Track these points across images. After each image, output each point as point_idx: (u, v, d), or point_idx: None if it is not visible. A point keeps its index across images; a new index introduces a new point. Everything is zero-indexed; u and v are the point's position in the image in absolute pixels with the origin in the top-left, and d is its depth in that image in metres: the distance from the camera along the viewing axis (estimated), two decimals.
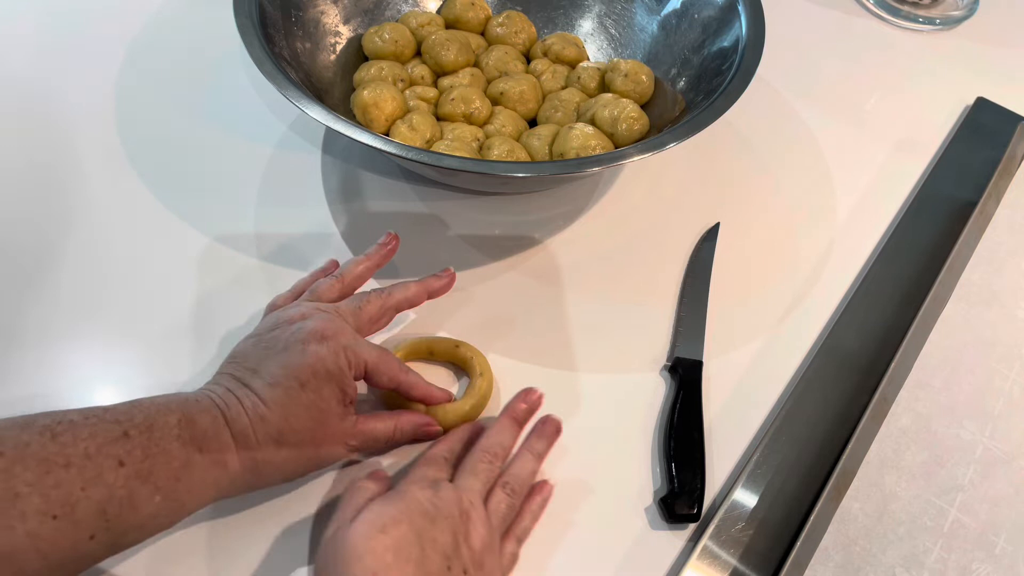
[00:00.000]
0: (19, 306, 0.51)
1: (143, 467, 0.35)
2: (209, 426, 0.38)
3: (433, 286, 0.50)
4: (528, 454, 0.45)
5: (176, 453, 0.36)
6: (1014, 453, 0.51)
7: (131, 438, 0.35)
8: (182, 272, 0.54)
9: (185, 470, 0.36)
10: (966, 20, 0.83)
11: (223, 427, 0.38)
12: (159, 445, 0.36)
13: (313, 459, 0.42)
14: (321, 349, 0.41)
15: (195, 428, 0.37)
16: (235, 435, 0.39)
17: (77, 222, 0.55)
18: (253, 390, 0.40)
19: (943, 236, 0.62)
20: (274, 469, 0.40)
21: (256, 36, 0.52)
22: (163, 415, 0.37)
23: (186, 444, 0.37)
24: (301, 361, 0.40)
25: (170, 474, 0.36)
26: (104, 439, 0.34)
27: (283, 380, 0.40)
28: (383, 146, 0.47)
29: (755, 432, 0.51)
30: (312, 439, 0.41)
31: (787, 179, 0.66)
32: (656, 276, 0.58)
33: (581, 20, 0.70)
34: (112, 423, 0.35)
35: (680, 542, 0.46)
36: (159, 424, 0.36)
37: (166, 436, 0.36)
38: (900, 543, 0.46)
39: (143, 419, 0.36)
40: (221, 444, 0.38)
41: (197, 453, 0.37)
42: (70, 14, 0.69)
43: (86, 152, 0.59)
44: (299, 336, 0.41)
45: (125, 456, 0.34)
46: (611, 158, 0.52)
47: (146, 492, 0.35)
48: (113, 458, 0.34)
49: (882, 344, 0.55)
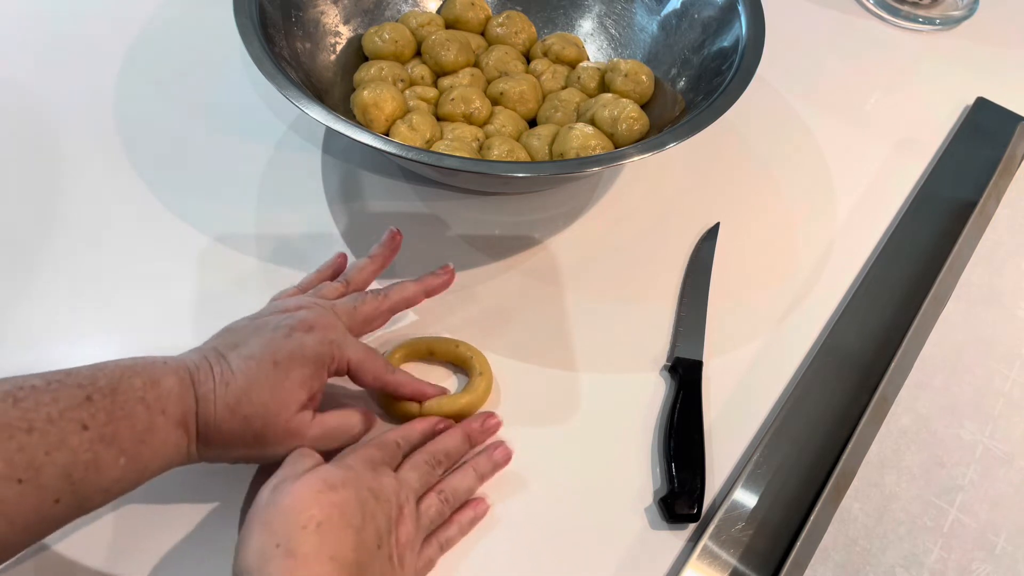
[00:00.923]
0: (18, 306, 0.51)
1: (107, 430, 0.35)
2: (174, 387, 0.38)
3: (431, 284, 0.50)
4: (471, 470, 0.45)
5: (140, 415, 0.36)
6: (1014, 453, 0.51)
7: (94, 402, 0.35)
8: (182, 272, 0.54)
9: (149, 432, 0.36)
10: (966, 20, 0.83)
11: (188, 388, 0.38)
12: (123, 408, 0.35)
13: (259, 440, 0.40)
14: (306, 338, 0.41)
15: (159, 389, 0.37)
16: (198, 398, 0.38)
17: (76, 222, 0.55)
18: (227, 360, 0.40)
19: (943, 236, 0.62)
20: (220, 439, 0.39)
21: (256, 36, 0.52)
22: (128, 377, 0.36)
23: (150, 406, 0.36)
24: (282, 344, 0.41)
25: (134, 436, 0.36)
26: (67, 403, 0.34)
27: (258, 354, 0.40)
28: (383, 146, 0.47)
29: (755, 432, 0.51)
30: (263, 417, 0.39)
31: (787, 179, 0.66)
32: (656, 276, 0.58)
33: (581, 20, 0.70)
34: (75, 387, 0.35)
35: (680, 542, 0.46)
36: (123, 387, 0.36)
37: (130, 399, 0.36)
38: (900, 543, 0.46)
39: (107, 383, 0.36)
40: (184, 407, 0.38)
41: (161, 415, 0.37)
42: (70, 14, 0.69)
43: (85, 152, 0.59)
44: (288, 322, 0.42)
45: (89, 420, 0.34)
46: (611, 158, 0.52)
47: (111, 455, 0.35)
48: (77, 422, 0.34)
49: (882, 344, 0.55)
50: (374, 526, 0.38)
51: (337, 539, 0.36)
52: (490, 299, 0.55)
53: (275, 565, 0.34)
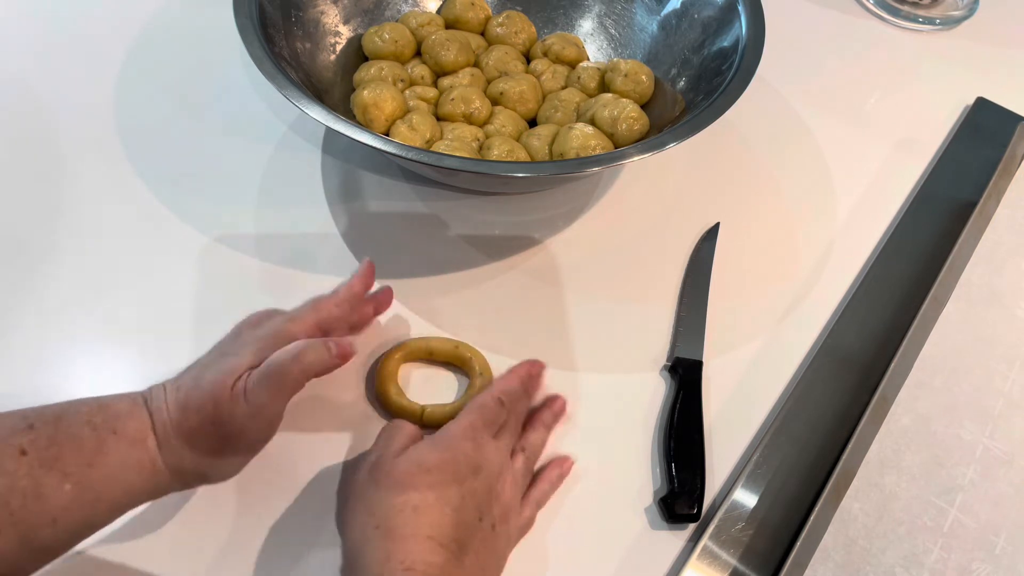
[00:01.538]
0: (18, 306, 0.51)
1: (48, 454, 0.33)
2: (124, 407, 0.37)
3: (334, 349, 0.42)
4: (541, 426, 0.46)
5: (87, 437, 0.35)
6: (1014, 453, 0.51)
7: (36, 429, 0.34)
8: (182, 272, 0.54)
9: (99, 455, 0.35)
10: (966, 20, 0.83)
11: (140, 406, 0.37)
12: (68, 431, 0.34)
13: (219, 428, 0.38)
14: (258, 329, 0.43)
15: (108, 411, 0.36)
16: (151, 411, 0.37)
17: (76, 221, 0.55)
18: (177, 380, 0.40)
19: (943, 236, 0.62)
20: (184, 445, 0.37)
21: (256, 36, 0.52)
22: (75, 406, 0.36)
23: (98, 428, 0.35)
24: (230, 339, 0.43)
25: (81, 460, 0.34)
26: (7, 431, 0.33)
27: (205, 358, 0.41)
28: (383, 146, 0.47)
29: (755, 432, 0.51)
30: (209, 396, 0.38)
31: (787, 179, 0.66)
32: (656, 276, 0.58)
33: (581, 20, 0.70)
34: (19, 417, 0.34)
35: (680, 542, 0.46)
36: (69, 412, 0.35)
37: (75, 422, 0.35)
38: (900, 543, 0.46)
39: (52, 412, 0.35)
40: (138, 424, 0.36)
41: (111, 435, 0.35)
42: (70, 14, 0.69)
43: (85, 151, 0.59)
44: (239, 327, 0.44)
45: (28, 445, 0.33)
46: (611, 158, 0.52)
47: (53, 480, 0.33)
48: (14, 447, 0.33)
49: (882, 344, 0.55)
50: (474, 501, 0.38)
51: (434, 519, 0.36)
52: (490, 299, 0.55)
53: (374, 545, 0.35)
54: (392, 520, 0.36)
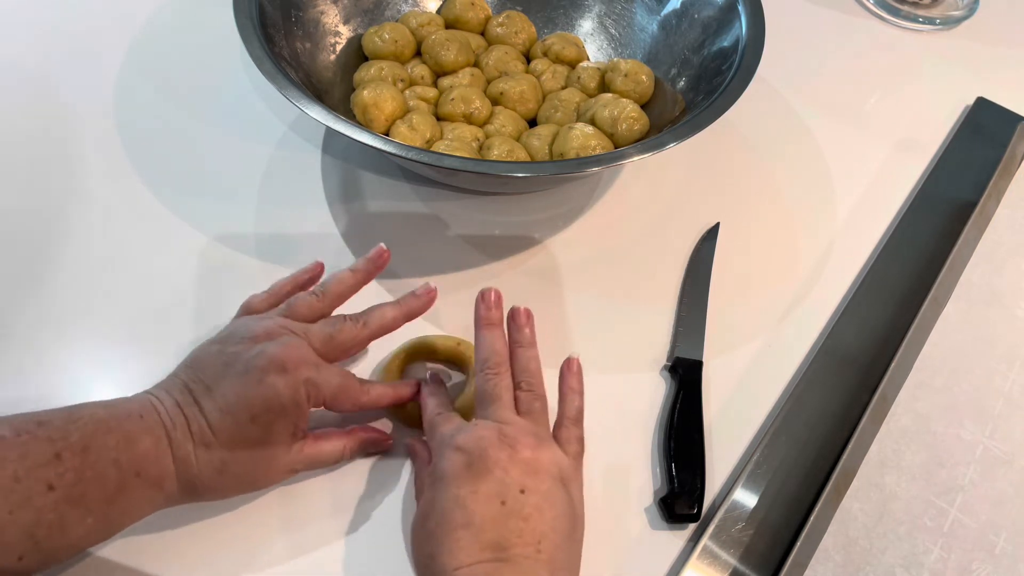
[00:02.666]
0: (17, 305, 0.51)
1: (75, 491, 0.34)
2: (150, 449, 0.37)
3: (412, 307, 0.47)
4: (520, 350, 0.45)
5: (112, 477, 0.35)
6: (1014, 453, 0.51)
7: (63, 460, 0.34)
8: (182, 272, 0.54)
9: (120, 493, 0.36)
10: (966, 20, 0.83)
11: (166, 450, 0.37)
12: (93, 468, 0.35)
13: (252, 485, 0.42)
14: (279, 382, 0.39)
15: (134, 450, 0.36)
16: (176, 460, 0.38)
17: (76, 221, 0.55)
18: (203, 411, 0.39)
19: (943, 236, 0.62)
20: (213, 493, 0.40)
21: (256, 36, 0.52)
22: (101, 435, 0.35)
23: (123, 469, 0.36)
24: (256, 392, 0.39)
25: (103, 498, 0.35)
26: (35, 461, 0.33)
27: (234, 409, 0.39)
28: (383, 146, 0.47)
29: (755, 432, 0.51)
30: (253, 469, 0.40)
31: (787, 179, 0.66)
32: (656, 276, 0.58)
33: (581, 20, 0.70)
34: (45, 441, 0.34)
35: (680, 542, 0.46)
36: (95, 446, 0.35)
37: (102, 459, 0.35)
38: (900, 543, 0.46)
39: (78, 438, 0.35)
40: (161, 469, 0.37)
41: (134, 477, 0.36)
42: (70, 13, 0.69)
43: (85, 151, 0.59)
44: (259, 362, 0.39)
45: (56, 480, 0.34)
46: (611, 158, 0.52)
47: (77, 515, 0.34)
48: (43, 482, 0.33)
49: (882, 344, 0.55)
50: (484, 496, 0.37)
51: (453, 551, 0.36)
52: None
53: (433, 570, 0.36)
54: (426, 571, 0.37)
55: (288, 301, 0.45)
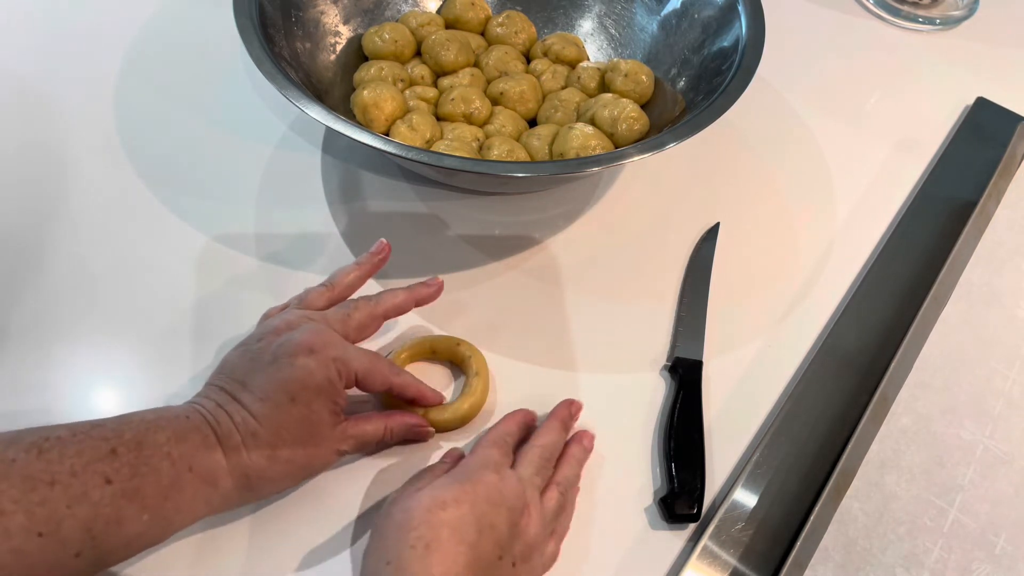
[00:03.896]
0: (17, 306, 0.51)
1: (130, 485, 0.35)
2: (200, 444, 0.37)
3: (421, 294, 0.49)
4: (574, 461, 0.46)
5: (166, 472, 0.36)
6: (1014, 453, 0.51)
7: (119, 456, 0.35)
8: (181, 272, 0.54)
9: (174, 489, 0.36)
10: (966, 20, 0.83)
11: (215, 445, 0.38)
12: (148, 463, 0.35)
13: (305, 469, 0.42)
14: (310, 362, 0.40)
15: (185, 446, 0.37)
16: (227, 452, 0.38)
17: (75, 221, 0.55)
18: (243, 404, 0.39)
19: (943, 236, 0.62)
20: (267, 482, 0.40)
21: (256, 36, 0.52)
22: (152, 432, 0.36)
23: (176, 463, 0.36)
24: (290, 375, 0.40)
25: (159, 493, 0.36)
26: (91, 456, 0.34)
27: (273, 394, 0.39)
28: (383, 146, 0.47)
29: (755, 432, 0.51)
30: (304, 451, 0.41)
31: (787, 179, 0.66)
32: (656, 276, 0.58)
33: (581, 20, 0.70)
34: (100, 440, 0.35)
35: (680, 542, 0.46)
36: (148, 442, 0.36)
37: (155, 454, 0.36)
38: (900, 543, 0.46)
39: (132, 436, 0.36)
40: (212, 463, 0.38)
41: (187, 472, 0.37)
42: (69, 14, 0.69)
43: (85, 151, 0.59)
44: (287, 349, 0.40)
45: (112, 474, 0.34)
46: (611, 158, 0.52)
47: (133, 510, 0.35)
48: (100, 475, 0.34)
49: (882, 344, 0.55)
50: (493, 537, 0.38)
51: (447, 557, 0.36)
52: (490, 299, 0.55)
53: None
54: (403, 557, 0.36)
55: (300, 295, 0.47)
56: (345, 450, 0.43)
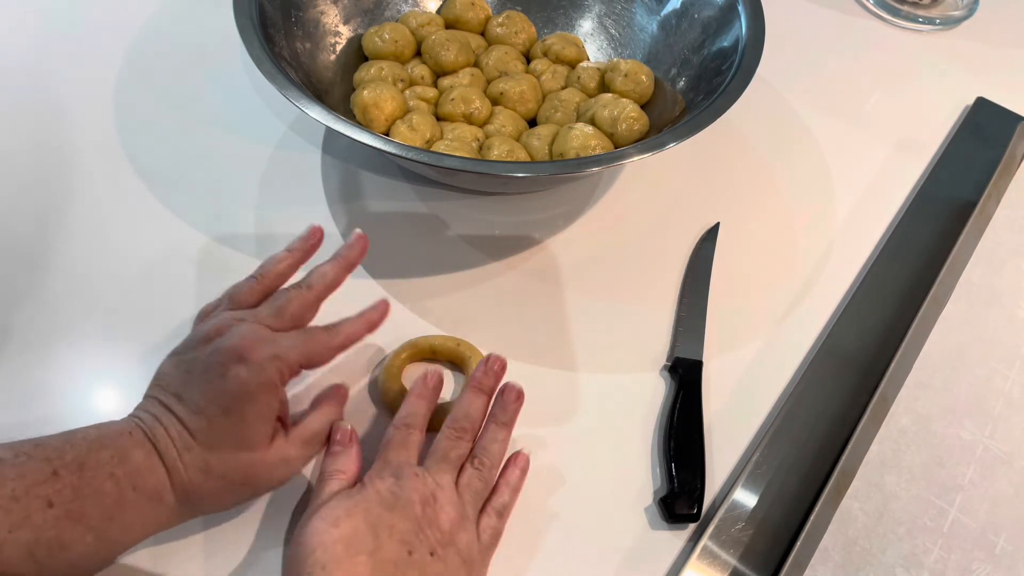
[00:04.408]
0: (17, 306, 0.51)
1: (73, 507, 0.34)
2: (143, 461, 0.37)
3: (348, 257, 0.46)
4: (494, 426, 0.45)
5: (109, 492, 0.35)
6: (1014, 453, 0.51)
7: (61, 477, 0.34)
8: (181, 272, 0.54)
9: (118, 508, 0.36)
10: (966, 20, 0.83)
11: (157, 462, 0.37)
12: (91, 484, 0.35)
13: (245, 484, 0.40)
14: (241, 371, 0.39)
15: (128, 464, 0.36)
16: (168, 469, 0.37)
17: (75, 221, 0.55)
18: (178, 418, 0.38)
19: (943, 236, 0.62)
20: (206, 498, 0.39)
21: (256, 36, 0.52)
22: (95, 451, 0.36)
23: (119, 482, 0.36)
24: (222, 387, 0.38)
25: (102, 513, 0.35)
26: (33, 479, 0.33)
27: (205, 407, 0.38)
28: (383, 146, 0.47)
29: (755, 432, 0.51)
30: (240, 466, 0.39)
31: (787, 179, 0.66)
32: (656, 276, 0.58)
33: (581, 20, 0.70)
34: (42, 461, 0.34)
35: (680, 542, 0.46)
36: (91, 462, 0.35)
37: (99, 475, 0.35)
38: (900, 543, 0.46)
39: (74, 457, 0.35)
40: (156, 480, 0.37)
41: (131, 491, 0.36)
42: (69, 14, 0.69)
43: (85, 151, 0.59)
44: (217, 358, 0.39)
45: (54, 496, 0.34)
46: (611, 158, 0.52)
47: (77, 532, 0.34)
48: (42, 499, 0.33)
49: (882, 344, 0.55)
50: (395, 537, 0.37)
51: (346, 573, 0.35)
52: (490, 299, 0.55)
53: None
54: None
55: (228, 293, 0.45)
56: (294, 457, 0.41)
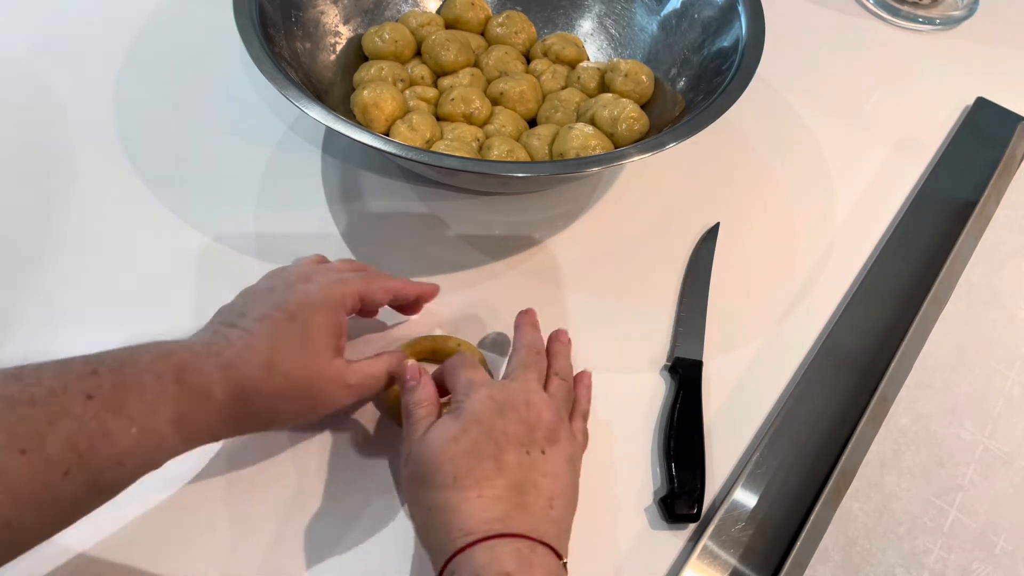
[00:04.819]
0: (17, 306, 0.51)
1: (114, 398, 0.34)
2: (188, 360, 0.37)
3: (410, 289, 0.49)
4: (560, 348, 0.47)
5: (150, 385, 0.35)
6: (1014, 453, 0.51)
7: (100, 375, 0.34)
8: (181, 272, 0.54)
9: (162, 401, 0.35)
10: (966, 20, 0.83)
11: (204, 359, 0.37)
12: (132, 378, 0.35)
13: (308, 393, 0.40)
14: (309, 285, 0.42)
15: (171, 360, 0.36)
16: (221, 366, 0.37)
17: (76, 221, 0.55)
18: (239, 327, 0.40)
19: (943, 236, 0.62)
20: (266, 400, 0.39)
21: (256, 36, 0.52)
22: (136, 354, 0.36)
23: (161, 376, 0.35)
24: (289, 296, 0.41)
25: (145, 407, 0.34)
26: (71, 377, 0.33)
27: (271, 312, 0.40)
28: (383, 146, 0.47)
29: (755, 432, 0.51)
30: (303, 371, 0.40)
31: (787, 179, 0.66)
32: (656, 276, 0.58)
33: (581, 20, 0.70)
34: (81, 363, 0.34)
35: (680, 542, 0.46)
36: (131, 360, 0.35)
37: (139, 370, 0.35)
38: (900, 543, 0.46)
39: (113, 359, 0.35)
40: (203, 375, 0.37)
41: (174, 384, 0.36)
42: (70, 14, 0.69)
43: (85, 152, 0.59)
44: (284, 277, 0.43)
45: (93, 390, 0.33)
46: (611, 158, 0.52)
47: (119, 424, 0.33)
48: (80, 392, 0.33)
49: (882, 344, 0.55)
50: (512, 440, 0.39)
51: (478, 478, 0.37)
52: (490, 299, 0.55)
53: (435, 525, 0.37)
54: (440, 497, 0.37)
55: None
56: (353, 384, 0.42)
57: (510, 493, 0.37)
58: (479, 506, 0.36)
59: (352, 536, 0.44)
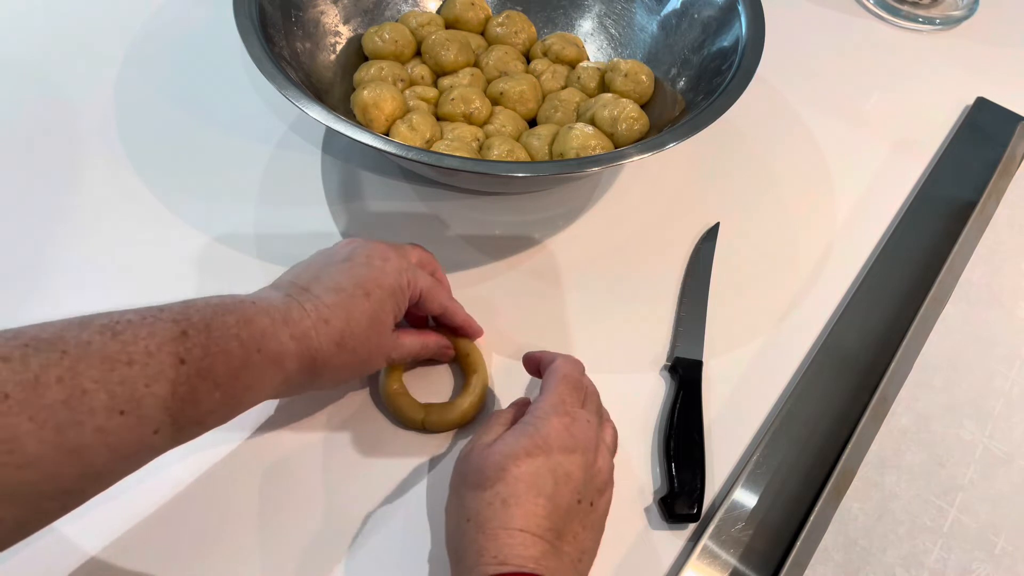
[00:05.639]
0: (16, 306, 0.51)
1: (203, 365, 0.35)
2: (268, 327, 0.38)
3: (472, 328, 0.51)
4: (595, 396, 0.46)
5: (235, 352, 0.36)
6: (1014, 453, 0.51)
7: (189, 337, 0.35)
8: (182, 272, 0.54)
9: (244, 369, 0.37)
10: (966, 20, 0.83)
11: (282, 328, 0.39)
12: (219, 344, 0.36)
13: (364, 364, 0.44)
14: (386, 265, 0.43)
15: (252, 328, 0.38)
16: (295, 337, 0.39)
17: (75, 221, 0.55)
18: (314, 295, 0.41)
19: (943, 236, 0.62)
20: (331, 371, 0.41)
21: (256, 36, 0.52)
22: (220, 315, 0.37)
23: (245, 344, 0.37)
24: (367, 273, 0.42)
25: (229, 372, 0.36)
26: (164, 337, 0.34)
27: (348, 287, 0.41)
28: (383, 146, 0.47)
29: (755, 432, 0.51)
30: (367, 347, 0.42)
31: (787, 179, 0.66)
32: (656, 276, 0.58)
33: (581, 20, 0.70)
34: (170, 322, 0.35)
35: (680, 542, 0.46)
36: (217, 324, 0.36)
37: (225, 335, 0.36)
38: (900, 543, 0.46)
39: (200, 319, 0.36)
40: (279, 345, 0.38)
41: (256, 353, 0.37)
42: (70, 14, 0.69)
43: (85, 151, 0.59)
44: (363, 251, 0.44)
45: (185, 354, 0.35)
46: (611, 158, 0.52)
47: (206, 388, 0.35)
48: (174, 355, 0.34)
49: (882, 344, 0.55)
50: (571, 485, 0.38)
51: (527, 510, 0.36)
52: (490, 299, 0.55)
53: (468, 539, 0.36)
54: (482, 514, 0.37)
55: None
56: (393, 357, 0.45)
57: (551, 536, 0.37)
58: (519, 540, 0.36)
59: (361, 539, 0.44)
